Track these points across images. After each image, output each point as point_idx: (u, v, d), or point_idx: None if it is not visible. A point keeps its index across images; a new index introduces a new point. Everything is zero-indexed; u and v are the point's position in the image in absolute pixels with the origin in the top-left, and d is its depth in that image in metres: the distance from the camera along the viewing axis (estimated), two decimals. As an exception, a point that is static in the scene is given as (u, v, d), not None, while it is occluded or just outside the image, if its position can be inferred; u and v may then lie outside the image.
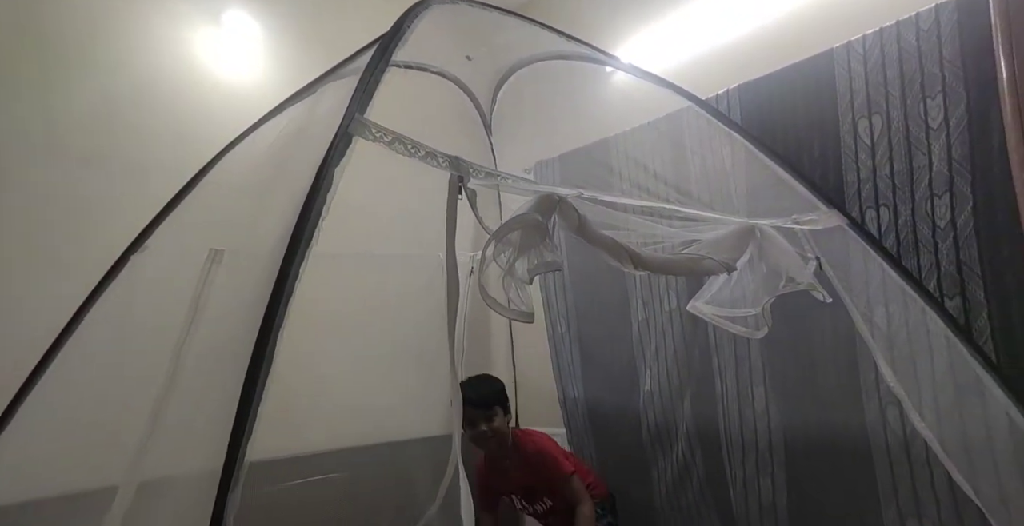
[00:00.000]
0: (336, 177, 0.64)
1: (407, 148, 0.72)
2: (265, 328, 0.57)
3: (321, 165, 0.64)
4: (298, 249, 0.60)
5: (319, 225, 0.62)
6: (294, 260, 0.59)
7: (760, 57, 1.74)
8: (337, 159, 0.65)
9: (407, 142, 0.72)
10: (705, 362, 1.81)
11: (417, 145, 0.74)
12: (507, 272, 0.83)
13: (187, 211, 1.16)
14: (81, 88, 1.65)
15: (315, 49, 2.08)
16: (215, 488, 0.53)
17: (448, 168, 0.76)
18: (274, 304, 0.57)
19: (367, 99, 0.71)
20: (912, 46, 1.37)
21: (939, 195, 1.34)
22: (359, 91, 0.72)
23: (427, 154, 0.74)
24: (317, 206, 0.62)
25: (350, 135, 0.67)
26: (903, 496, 1.39)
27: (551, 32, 1.16)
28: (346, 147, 0.66)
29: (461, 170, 0.76)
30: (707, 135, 1.69)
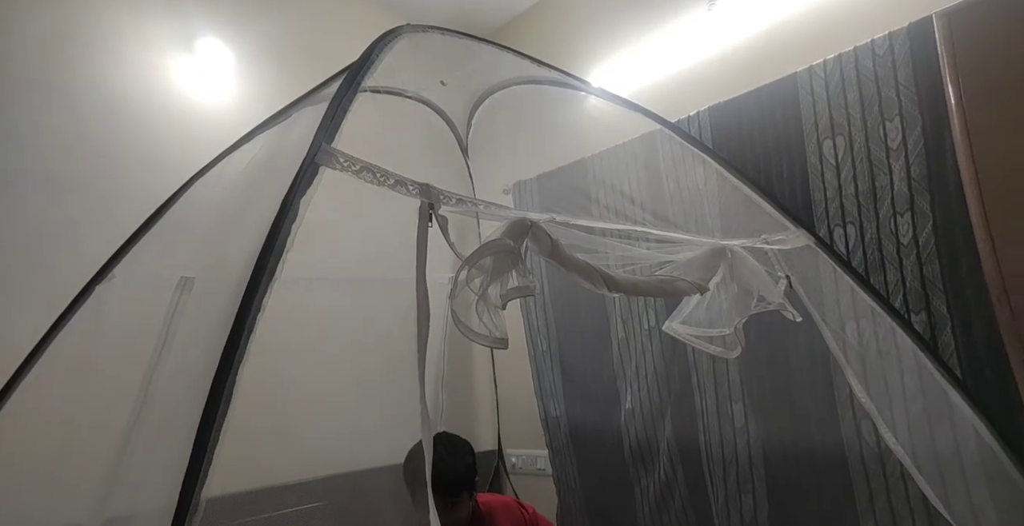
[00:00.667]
0: (302, 208, 0.64)
1: (376, 177, 0.72)
2: (223, 367, 0.55)
3: (286, 195, 0.64)
4: (260, 282, 0.58)
5: (283, 257, 0.61)
6: (255, 294, 0.58)
7: (728, 80, 1.80)
8: (303, 189, 0.64)
9: (376, 170, 0.72)
10: (685, 379, 1.82)
11: (386, 173, 0.73)
12: (480, 297, 0.83)
13: (156, 238, 1.14)
14: (48, 111, 1.62)
15: (288, 76, 2.09)
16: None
17: (418, 195, 0.76)
18: (233, 341, 0.56)
19: (334, 128, 0.71)
20: (869, 71, 1.43)
21: (901, 213, 1.38)
22: (326, 120, 0.72)
23: (396, 182, 0.74)
24: (281, 238, 0.61)
25: (317, 165, 0.67)
26: (880, 509, 1.40)
27: (523, 58, 1.18)
28: (312, 177, 0.66)
29: (432, 197, 0.76)
30: (680, 156, 1.73)
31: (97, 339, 1.10)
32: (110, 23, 1.78)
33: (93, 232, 1.55)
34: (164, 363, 1.08)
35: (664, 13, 2.05)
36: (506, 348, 0.85)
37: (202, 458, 0.52)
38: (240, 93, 2.01)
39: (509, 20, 2.63)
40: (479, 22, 2.58)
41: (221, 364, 0.55)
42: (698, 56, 1.96)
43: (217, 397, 0.54)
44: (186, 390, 0.66)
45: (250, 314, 0.57)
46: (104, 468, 1.03)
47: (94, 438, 1.10)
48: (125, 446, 1.02)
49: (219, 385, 0.55)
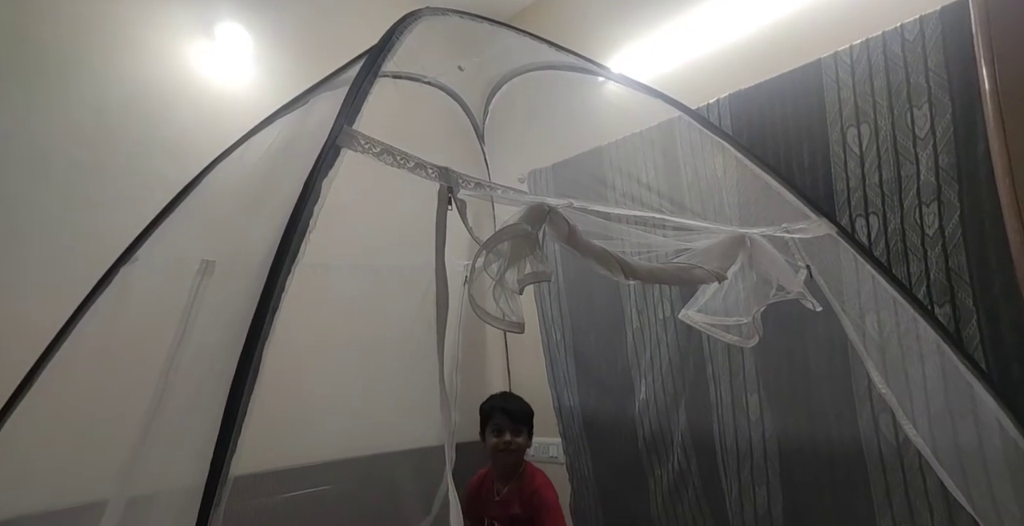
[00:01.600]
0: (324, 189, 0.64)
1: (396, 159, 0.72)
2: (250, 343, 0.56)
3: (308, 177, 0.64)
4: (284, 262, 0.59)
5: (306, 237, 0.61)
6: (280, 273, 0.58)
7: (750, 67, 1.76)
8: (325, 171, 0.65)
9: (396, 153, 0.72)
10: (700, 370, 1.81)
11: (406, 156, 0.73)
12: (497, 282, 0.83)
13: (178, 222, 1.16)
14: (72, 98, 1.65)
15: (308, 60, 2.09)
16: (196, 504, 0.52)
17: (437, 179, 0.76)
18: (259, 318, 0.57)
19: (355, 111, 0.71)
20: (898, 56, 1.39)
21: (927, 203, 1.35)
22: (347, 102, 0.72)
23: (416, 165, 0.74)
24: (304, 219, 0.61)
25: (338, 147, 0.67)
26: (897, 504, 1.39)
27: (542, 43, 1.17)
28: (334, 159, 0.66)
29: (451, 181, 0.76)
30: (698, 144, 1.70)
31: (121, 320, 1.13)
32: (132, 9, 1.80)
33: (116, 217, 1.58)
34: (186, 344, 1.10)
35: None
36: (522, 332, 0.85)
37: (231, 431, 0.53)
38: (259, 78, 2.02)
39: (526, 6, 2.60)
40: (497, 8, 2.56)
41: (248, 340, 0.56)
42: (719, 42, 1.92)
43: (244, 372, 0.55)
44: (211, 370, 0.67)
45: (275, 293, 0.58)
46: (129, 447, 1.06)
47: (118, 417, 1.12)
48: (149, 425, 1.04)
49: (246, 360, 0.56)
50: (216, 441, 0.53)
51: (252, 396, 0.55)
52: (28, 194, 1.55)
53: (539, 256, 0.85)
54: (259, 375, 0.56)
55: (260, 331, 0.57)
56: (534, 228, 0.86)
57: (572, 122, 1.88)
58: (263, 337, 0.57)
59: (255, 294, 0.58)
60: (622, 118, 1.93)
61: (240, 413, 0.54)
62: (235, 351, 0.57)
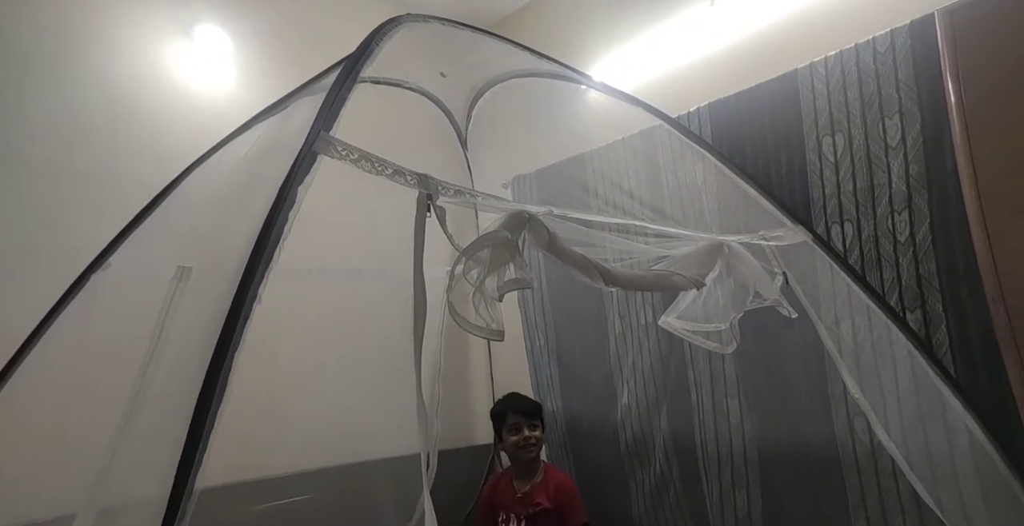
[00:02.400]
0: (300, 195, 0.63)
1: (374, 166, 0.72)
2: (219, 352, 0.54)
3: (284, 183, 0.63)
4: (256, 270, 0.58)
5: (280, 245, 0.60)
6: (251, 281, 0.57)
7: (730, 76, 1.80)
8: (301, 177, 0.64)
9: (374, 160, 0.72)
10: (681, 375, 1.82)
11: (384, 163, 0.73)
12: (477, 289, 0.83)
13: (154, 227, 1.13)
14: (46, 98, 1.61)
15: (288, 63, 2.07)
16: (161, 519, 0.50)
17: (416, 186, 0.76)
18: (229, 327, 0.55)
19: (333, 116, 0.70)
20: (870, 68, 1.43)
21: (899, 211, 1.38)
22: (325, 108, 0.71)
23: (395, 172, 0.73)
24: (278, 225, 0.60)
25: (315, 153, 0.66)
26: (871, 506, 1.41)
27: (524, 50, 1.18)
28: (310, 165, 0.65)
29: (430, 188, 0.76)
30: (679, 152, 1.73)
31: (92, 328, 1.10)
32: (108, 8, 1.77)
33: (89, 221, 1.54)
34: (160, 353, 1.08)
35: (665, 9, 2.05)
36: (502, 340, 0.85)
37: (197, 444, 0.52)
38: (239, 81, 1.99)
39: (509, 14, 2.61)
40: (479, 15, 2.57)
41: (216, 352, 0.55)
42: (699, 52, 1.95)
43: (212, 384, 0.54)
44: (182, 379, 0.65)
45: (246, 302, 0.57)
46: (98, 458, 1.03)
47: (89, 427, 1.09)
48: (120, 435, 1.02)
49: (214, 372, 0.54)
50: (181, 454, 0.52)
51: (220, 407, 0.54)
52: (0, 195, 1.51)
53: (519, 263, 0.85)
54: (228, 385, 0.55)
55: (230, 340, 0.55)
56: (514, 235, 0.86)
57: (555, 129, 1.89)
58: (233, 346, 0.55)
59: (227, 302, 0.57)
60: (605, 125, 1.94)
61: (207, 425, 0.53)
62: (206, 360, 0.56)
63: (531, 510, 1.79)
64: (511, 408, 1.88)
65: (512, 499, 1.82)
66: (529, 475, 1.84)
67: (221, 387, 0.54)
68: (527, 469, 1.85)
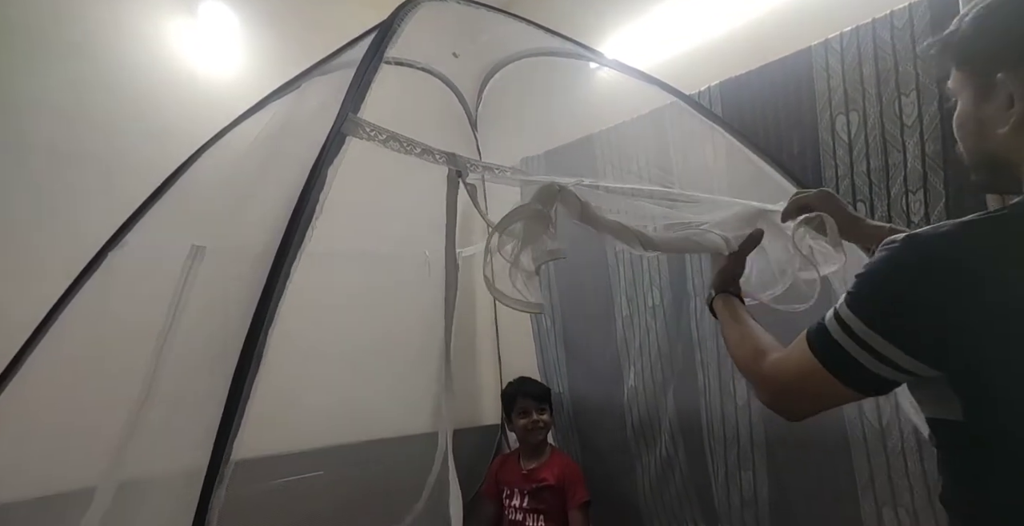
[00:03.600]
0: (329, 176, 0.64)
1: (403, 146, 0.72)
2: (255, 327, 0.56)
3: (315, 164, 0.63)
4: (290, 249, 0.59)
5: (312, 225, 0.61)
6: (285, 260, 0.58)
7: (741, 54, 1.76)
8: (331, 158, 0.64)
9: (402, 140, 0.72)
10: (688, 357, 1.83)
11: (412, 142, 0.73)
12: (513, 264, 0.83)
13: (167, 207, 1.14)
14: (50, 79, 1.60)
15: (294, 43, 2.04)
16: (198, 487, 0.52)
17: (446, 164, 0.76)
18: (264, 303, 0.57)
19: (360, 98, 0.70)
20: (887, 44, 1.40)
21: (913, 191, 1.37)
22: (352, 90, 0.71)
23: (423, 151, 0.74)
24: (310, 206, 0.61)
25: (343, 134, 0.66)
26: (879, 485, 1.43)
27: (537, 29, 1.16)
28: (339, 147, 0.66)
29: (459, 165, 0.76)
30: (690, 132, 1.71)
31: (109, 305, 1.11)
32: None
33: (96, 202, 1.55)
34: (177, 328, 1.09)
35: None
36: (541, 313, 0.85)
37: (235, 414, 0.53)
38: (244, 59, 1.97)
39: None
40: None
41: (252, 326, 0.56)
42: (711, 30, 1.91)
43: (248, 358, 0.55)
44: (208, 355, 0.66)
45: (279, 279, 0.58)
46: (118, 432, 1.05)
47: (107, 402, 1.11)
48: (140, 409, 1.03)
49: (250, 346, 0.55)
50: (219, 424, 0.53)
51: (255, 381, 0.55)
52: (5, 178, 1.51)
53: (552, 234, 0.85)
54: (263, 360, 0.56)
55: (265, 316, 0.56)
56: (546, 207, 0.86)
57: (564, 110, 1.87)
58: (267, 323, 0.57)
59: (257, 279, 0.58)
60: (613, 106, 1.92)
61: (244, 395, 0.54)
62: (236, 335, 0.57)
63: (535, 485, 1.85)
64: (520, 392, 1.96)
65: (517, 475, 1.89)
66: (536, 456, 1.92)
67: (257, 361, 0.55)
68: (534, 450, 1.92)
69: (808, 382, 0.71)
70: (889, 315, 0.65)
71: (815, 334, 0.72)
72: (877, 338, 0.64)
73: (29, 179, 1.53)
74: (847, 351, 0.66)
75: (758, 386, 0.80)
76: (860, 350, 0.65)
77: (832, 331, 0.68)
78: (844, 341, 0.67)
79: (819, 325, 0.72)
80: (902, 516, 1.39)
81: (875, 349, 0.64)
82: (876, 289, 0.67)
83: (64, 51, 1.64)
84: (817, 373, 0.69)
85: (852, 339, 0.66)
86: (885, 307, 0.66)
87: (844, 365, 0.67)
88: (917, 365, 0.63)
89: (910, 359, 0.63)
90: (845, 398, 0.71)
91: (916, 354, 0.63)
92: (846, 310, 0.68)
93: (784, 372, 0.75)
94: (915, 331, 0.63)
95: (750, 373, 0.83)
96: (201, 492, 0.52)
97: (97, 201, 1.55)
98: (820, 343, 0.70)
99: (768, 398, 0.78)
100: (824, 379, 0.69)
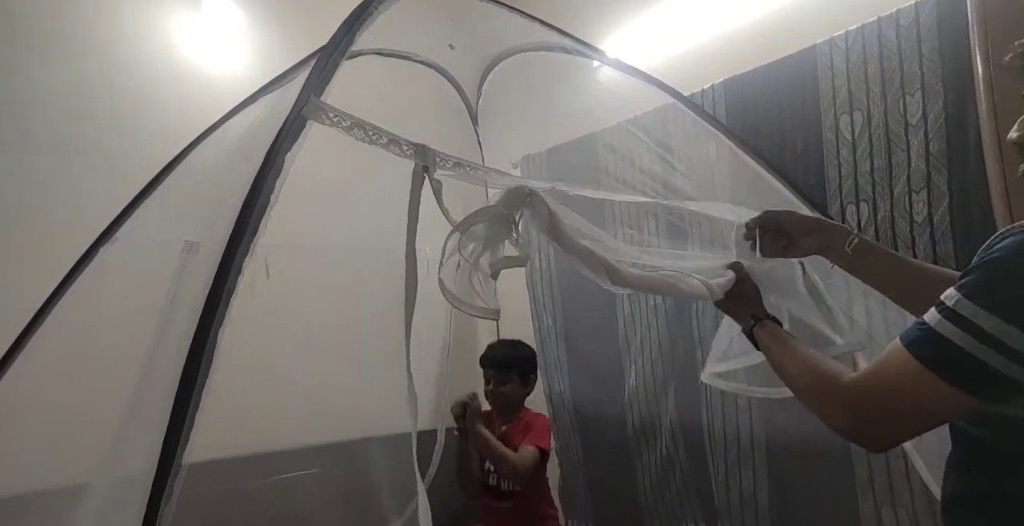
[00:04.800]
0: (287, 163, 0.60)
1: (367, 134, 0.68)
2: (203, 327, 0.52)
3: (269, 150, 0.59)
4: (240, 242, 0.55)
5: (267, 214, 0.57)
6: (236, 254, 0.54)
7: (745, 52, 1.74)
8: (288, 144, 0.60)
9: (368, 128, 0.68)
10: (689, 356, 1.81)
11: (379, 131, 0.69)
12: (472, 266, 0.79)
13: (160, 201, 1.13)
14: (49, 73, 1.59)
15: (299, 35, 2.01)
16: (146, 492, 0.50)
17: (412, 157, 0.72)
18: (213, 301, 0.53)
19: (324, 81, 0.65)
20: (892, 43, 1.38)
21: (917, 191, 1.35)
22: (315, 72, 0.66)
23: (390, 141, 0.69)
24: (264, 194, 0.57)
25: (304, 118, 0.62)
26: (879, 486, 1.41)
27: (536, 23, 1.14)
28: (299, 131, 0.61)
29: (427, 159, 0.73)
30: (692, 132, 1.69)
31: (101, 301, 1.11)
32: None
33: (95, 196, 1.54)
34: (167, 326, 1.08)
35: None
36: (497, 319, 0.82)
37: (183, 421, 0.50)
38: (247, 53, 1.96)
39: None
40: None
41: (200, 324, 0.53)
42: (715, 27, 1.89)
43: (196, 360, 0.52)
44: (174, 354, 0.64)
45: (230, 273, 0.54)
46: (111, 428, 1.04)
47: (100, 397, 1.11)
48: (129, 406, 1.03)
49: (199, 346, 0.52)
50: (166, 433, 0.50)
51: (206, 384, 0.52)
52: (10, 173, 1.52)
53: (515, 240, 0.82)
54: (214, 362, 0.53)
55: (214, 314, 0.53)
56: (511, 211, 0.82)
57: (567, 106, 1.86)
58: (218, 321, 0.53)
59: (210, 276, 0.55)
60: (617, 103, 1.90)
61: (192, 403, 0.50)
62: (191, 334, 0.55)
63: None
64: (483, 359, 1.84)
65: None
66: (508, 419, 1.83)
67: (206, 361, 0.52)
68: (504, 414, 1.83)
69: (911, 396, 0.61)
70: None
71: (918, 339, 0.62)
72: (1015, 333, 0.55)
73: (30, 172, 1.54)
74: (970, 353, 0.57)
75: (839, 411, 0.69)
76: (987, 349, 0.56)
77: (946, 332, 0.59)
78: (965, 341, 0.57)
79: (920, 329, 0.62)
80: (901, 516, 1.37)
81: (1010, 346, 0.55)
82: (1013, 278, 0.58)
83: (67, 46, 1.64)
84: (925, 384, 0.59)
85: (976, 337, 0.57)
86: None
87: (966, 369, 0.57)
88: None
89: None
90: (960, 411, 0.62)
91: None
92: (967, 305, 0.58)
93: (876, 391, 0.65)
94: None
95: (825, 398, 0.72)
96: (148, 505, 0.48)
97: (101, 196, 1.54)
98: (928, 347, 0.60)
99: (852, 423, 0.67)
100: (935, 390, 0.59)
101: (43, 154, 1.57)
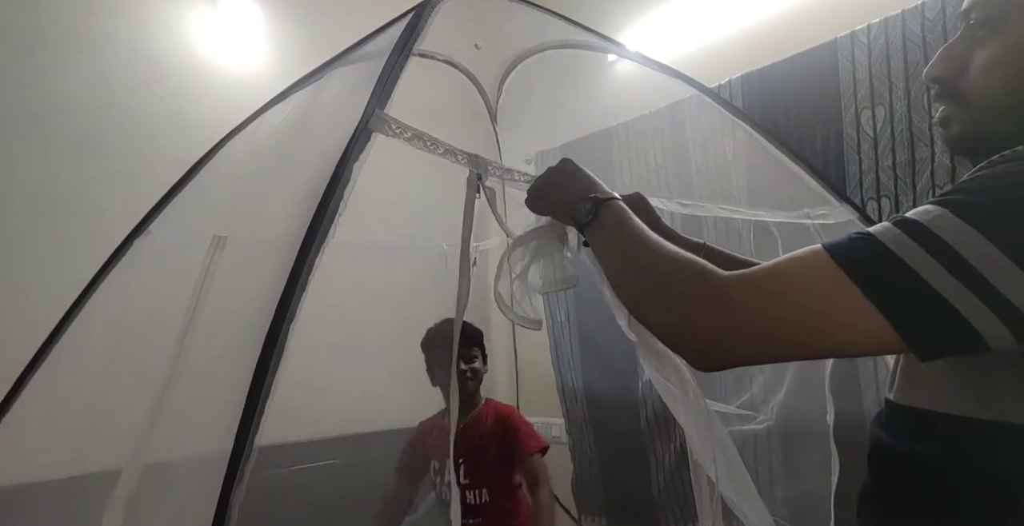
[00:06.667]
0: (354, 172, 0.64)
1: (426, 144, 0.72)
2: (277, 321, 0.56)
3: (340, 160, 0.64)
4: (313, 243, 0.59)
5: (335, 221, 0.61)
6: (308, 254, 0.59)
7: (763, 47, 1.74)
8: (356, 155, 0.64)
9: (427, 138, 0.72)
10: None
11: (436, 142, 0.73)
12: (519, 277, 0.84)
13: (190, 197, 1.15)
14: (77, 72, 1.62)
15: (316, 34, 2.05)
16: (220, 474, 0.53)
17: (467, 165, 0.76)
18: (287, 297, 0.57)
19: (387, 94, 0.70)
20: (917, 36, 1.37)
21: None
22: (379, 86, 0.70)
23: (446, 151, 0.74)
24: (335, 201, 0.61)
25: (370, 131, 0.66)
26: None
27: (561, 20, 1.15)
28: (365, 143, 0.66)
29: (480, 168, 0.76)
30: (708, 127, 1.69)
31: (134, 293, 1.13)
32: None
33: (116, 193, 1.58)
34: (199, 318, 1.11)
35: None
36: (539, 329, 0.86)
37: (255, 407, 0.54)
38: (266, 50, 1.98)
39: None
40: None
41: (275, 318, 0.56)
42: (732, 22, 1.89)
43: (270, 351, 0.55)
44: (232, 344, 0.67)
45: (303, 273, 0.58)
46: (142, 417, 1.07)
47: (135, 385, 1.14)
48: (163, 395, 1.06)
49: (272, 339, 0.56)
50: (240, 419, 0.54)
51: (276, 374, 0.56)
52: (29, 169, 1.54)
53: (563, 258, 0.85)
54: (284, 354, 0.56)
55: (287, 310, 0.57)
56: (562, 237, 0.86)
57: (582, 103, 1.86)
58: (290, 315, 0.57)
59: (280, 273, 0.58)
60: (630, 100, 1.90)
61: (264, 391, 0.54)
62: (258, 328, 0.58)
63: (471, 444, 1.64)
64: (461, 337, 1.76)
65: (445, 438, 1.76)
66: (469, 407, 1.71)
67: (278, 353, 0.56)
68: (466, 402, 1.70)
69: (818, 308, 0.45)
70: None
71: (849, 247, 0.46)
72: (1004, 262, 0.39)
73: (61, 169, 1.57)
74: (927, 282, 0.41)
75: (707, 309, 0.50)
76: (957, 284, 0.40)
77: (899, 250, 0.43)
78: (926, 267, 0.42)
79: (858, 237, 0.47)
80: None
81: (993, 285, 0.40)
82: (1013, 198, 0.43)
83: (86, 44, 1.66)
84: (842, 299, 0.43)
85: (947, 267, 0.41)
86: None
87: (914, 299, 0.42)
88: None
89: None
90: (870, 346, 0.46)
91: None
92: (954, 224, 0.42)
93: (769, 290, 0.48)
94: None
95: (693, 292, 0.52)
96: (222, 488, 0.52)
97: (120, 193, 1.57)
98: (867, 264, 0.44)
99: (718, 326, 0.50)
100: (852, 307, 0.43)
101: (62, 150, 1.60)
